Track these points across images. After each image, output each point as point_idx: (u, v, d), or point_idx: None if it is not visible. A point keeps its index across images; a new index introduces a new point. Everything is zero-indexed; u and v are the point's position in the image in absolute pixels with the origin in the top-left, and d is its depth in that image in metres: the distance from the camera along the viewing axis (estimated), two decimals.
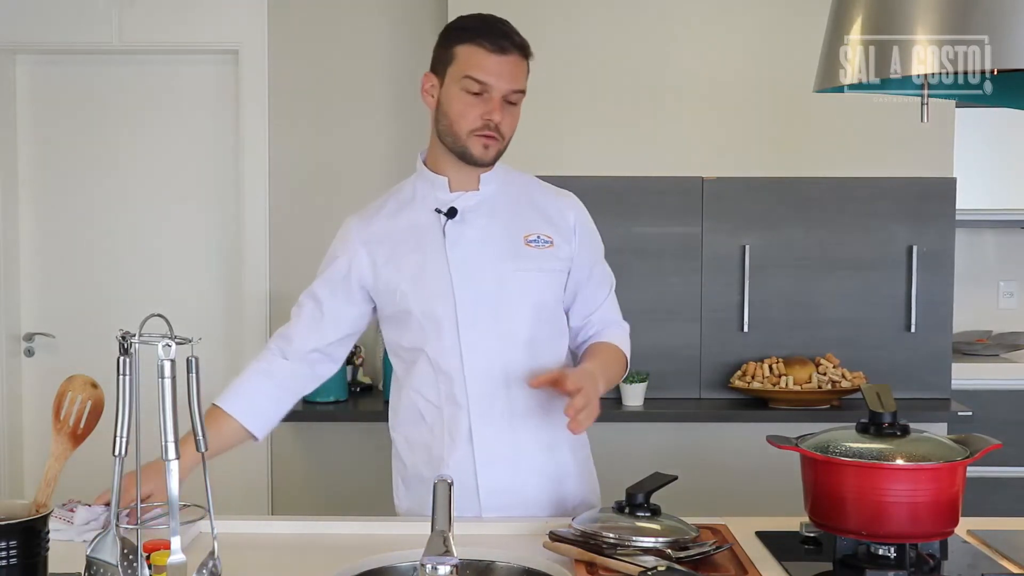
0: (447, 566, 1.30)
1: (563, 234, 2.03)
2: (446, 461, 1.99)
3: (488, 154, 1.96)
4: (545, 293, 2.01)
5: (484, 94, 1.92)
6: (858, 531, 1.64)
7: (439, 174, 2.03)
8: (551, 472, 2.02)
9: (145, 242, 3.85)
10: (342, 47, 3.74)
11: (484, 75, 1.91)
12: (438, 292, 1.96)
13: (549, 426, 2.00)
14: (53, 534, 1.69)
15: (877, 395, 1.71)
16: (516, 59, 1.93)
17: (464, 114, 1.93)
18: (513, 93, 1.94)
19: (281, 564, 1.74)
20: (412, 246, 2.00)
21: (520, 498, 1.99)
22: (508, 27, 1.96)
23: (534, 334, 1.98)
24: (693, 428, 3.31)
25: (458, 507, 1.97)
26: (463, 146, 1.96)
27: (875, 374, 3.31)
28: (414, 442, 2.06)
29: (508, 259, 1.98)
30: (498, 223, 2.00)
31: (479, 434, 1.97)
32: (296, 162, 3.76)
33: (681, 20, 3.39)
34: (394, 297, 2.01)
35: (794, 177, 3.38)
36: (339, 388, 3.44)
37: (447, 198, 2.01)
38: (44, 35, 3.75)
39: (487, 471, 1.97)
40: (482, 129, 1.93)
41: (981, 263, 4.28)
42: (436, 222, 2.00)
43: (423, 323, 1.98)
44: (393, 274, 2.00)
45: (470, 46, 1.93)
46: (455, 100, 1.94)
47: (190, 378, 1.34)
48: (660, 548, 1.62)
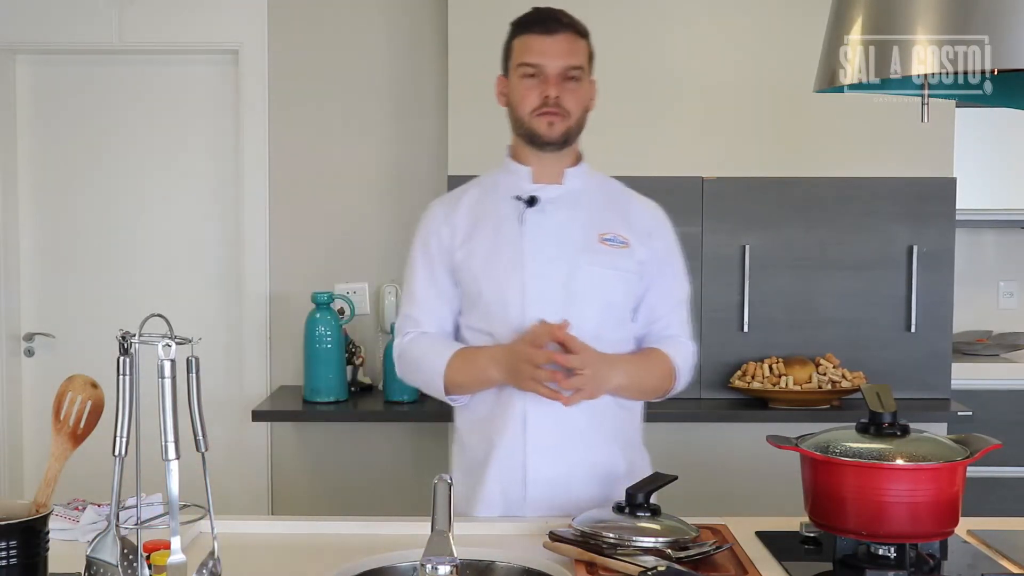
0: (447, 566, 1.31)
1: (639, 238, 2.06)
2: (497, 447, 2.01)
3: (553, 131, 2.01)
4: (615, 292, 2.03)
5: (539, 75, 1.99)
6: (858, 531, 1.64)
7: (524, 165, 2.08)
8: (600, 470, 2.02)
9: (145, 242, 3.85)
10: (342, 47, 3.74)
11: (534, 57, 1.99)
12: (509, 277, 2.00)
13: (603, 422, 2.02)
14: (58, 533, 1.70)
15: (877, 395, 1.71)
16: (567, 37, 2.00)
17: (524, 97, 2.01)
18: (570, 69, 2.00)
19: (281, 564, 1.74)
20: (489, 231, 2.05)
21: (566, 493, 1.99)
22: (558, 12, 2.04)
23: (600, 331, 2.00)
24: (693, 428, 3.31)
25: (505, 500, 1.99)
26: (529, 128, 2.02)
27: (875, 374, 3.31)
28: (474, 425, 2.09)
29: (582, 253, 2.01)
30: (576, 218, 2.04)
31: (532, 421, 1.99)
32: (296, 162, 3.76)
33: (681, 20, 3.39)
34: (466, 278, 2.05)
35: (794, 177, 3.38)
36: (339, 388, 3.44)
37: (529, 188, 2.05)
38: (44, 35, 3.75)
39: (536, 460, 1.99)
40: (541, 107, 1.99)
41: (981, 263, 4.28)
42: (515, 209, 2.04)
43: (492, 306, 2.02)
44: (468, 254, 2.04)
45: (522, 36, 2.03)
46: (516, 88, 2.03)
47: (190, 378, 1.34)
48: (660, 548, 1.62)
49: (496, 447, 2.01)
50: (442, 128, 3.59)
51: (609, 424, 2.04)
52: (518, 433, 2.00)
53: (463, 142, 3.34)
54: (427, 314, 2.09)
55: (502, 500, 2.01)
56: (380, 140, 3.76)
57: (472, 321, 2.07)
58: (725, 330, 3.38)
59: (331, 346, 3.43)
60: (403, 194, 3.73)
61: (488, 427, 2.04)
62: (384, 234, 3.74)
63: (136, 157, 3.84)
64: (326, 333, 3.42)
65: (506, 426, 2.00)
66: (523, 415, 1.99)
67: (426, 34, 3.72)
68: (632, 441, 2.11)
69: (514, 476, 2.00)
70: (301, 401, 3.47)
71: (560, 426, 1.99)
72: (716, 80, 3.39)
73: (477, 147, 3.28)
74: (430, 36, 3.71)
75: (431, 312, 2.09)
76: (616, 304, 2.04)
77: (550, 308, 1.98)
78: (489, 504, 2.02)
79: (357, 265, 3.75)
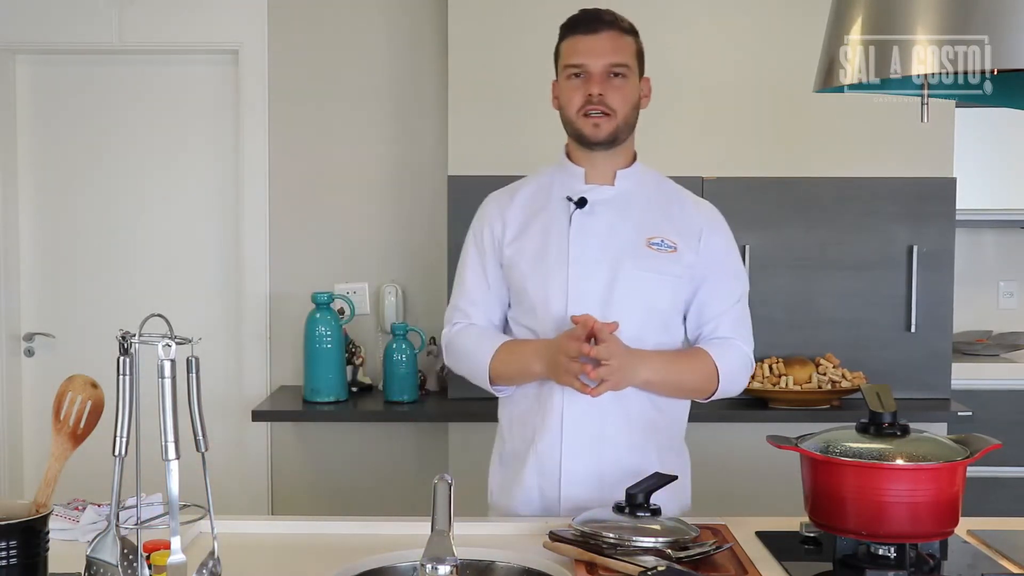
0: (447, 566, 1.31)
1: (688, 242, 2.05)
2: (536, 444, 2.02)
3: (599, 132, 2.02)
4: (659, 297, 2.03)
5: (583, 75, 2.01)
6: (858, 531, 1.64)
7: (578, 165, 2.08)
8: (633, 471, 2.00)
9: (145, 242, 3.85)
10: (342, 47, 3.74)
11: (578, 57, 2.01)
12: (554, 278, 2.01)
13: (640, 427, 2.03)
14: (58, 533, 1.70)
15: (877, 395, 1.71)
16: (611, 35, 2.02)
17: (571, 99, 2.03)
18: (613, 67, 2.01)
19: (281, 564, 1.74)
20: (539, 228, 2.06)
21: (599, 493, 1.99)
22: (603, 11, 2.05)
23: (640, 335, 2.00)
24: (693, 428, 3.28)
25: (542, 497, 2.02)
26: (577, 129, 2.04)
27: (875, 374, 3.31)
28: (515, 418, 2.10)
29: (627, 257, 2.01)
30: (625, 221, 2.04)
31: (568, 421, 1.99)
32: (296, 162, 3.76)
33: (681, 20, 3.39)
34: (514, 274, 2.06)
35: (794, 177, 3.38)
36: (339, 388, 3.44)
37: (581, 188, 2.06)
38: (44, 35, 3.75)
39: (571, 460, 2.00)
40: (585, 106, 2.00)
41: (981, 263, 4.28)
42: (566, 210, 2.05)
43: (536, 304, 2.03)
44: (517, 252, 2.06)
45: (567, 39, 2.05)
46: (563, 89, 2.05)
47: (190, 378, 1.34)
48: (660, 548, 1.62)
49: (534, 445, 2.03)
50: (442, 128, 3.59)
51: (644, 426, 2.04)
52: (555, 432, 2.01)
53: (463, 142, 3.33)
54: (476, 306, 2.10)
55: (540, 498, 2.03)
56: (380, 140, 3.76)
57: (518, 316, 2.09)
58: None
59: (331, 346, 3.43)
60: (403, 194, 3.74)
61: (527, 424, 2.06)
62: (384, 234, 3.74)
63: (136, 157, 3.84)
64: (326, 333, 3.42)
65: (544, 425, 2.02)
66: (560, 415, 2.00)
67: (426, 34, 3.72)
68: (669, 444, 2.10)
69: (551, 475, 2.02)
70: (301, 401, 3.47)
71: (595, 427, 2.00)
72: (716, 80, 3.39)
73: (477, 147, 3.28)
74: (430, 36, 3.71)
75: (480, 304, 2.10)
76: (660, 309, 2.04)
77: (591, 310, 1.98)
78: (528, 502, 2.04)
79: (357, 265, 3.75)
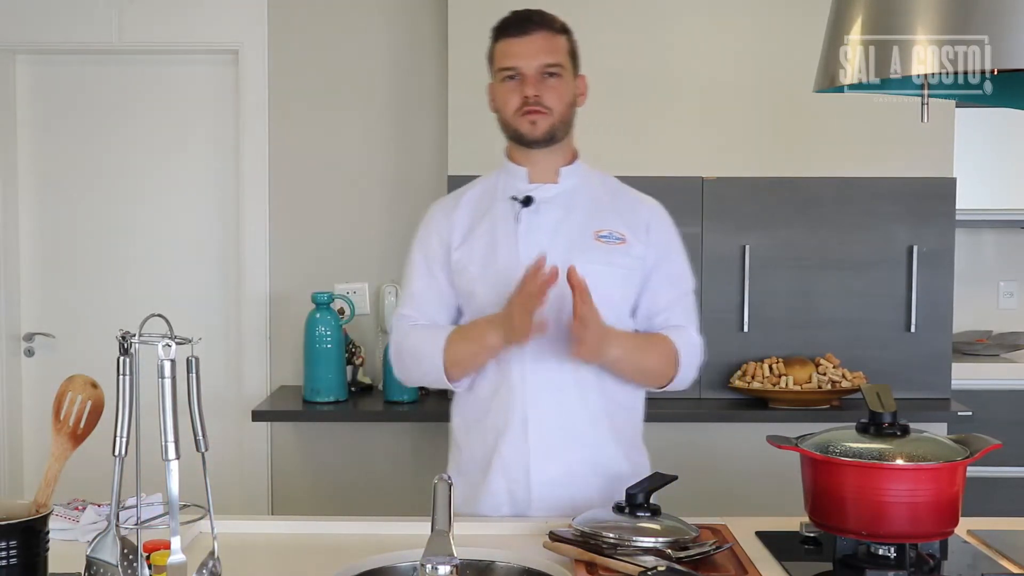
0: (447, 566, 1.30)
1: (636, 233, 2.06)
2: (500, 448, 2.01)
3: (537, 129, 2.02)
4: (611, 290, 2.02)
5: (517, 77, 2.01)
6: (858, 531, 1.64)
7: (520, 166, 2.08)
8: (603, 470, 2.02)
9: (145, 242, 3.85)
10: (342, 47, 3.74)
11: (511, 59, 2.01)
12: (504, 278, 2.00)
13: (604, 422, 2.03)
14: (58, 533, 1.70)
15: (877, 395, 1.71)
16: (543, 35, 2.01)
17: (506, 100, 2.03)
18: (547, 67, 2.00)
19: (281, 564, 1.74)
20: (486, 231, 2.06)
21: (570, 493, 1.99)
22: (533, 12, 2.05)
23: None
24: (693, 428, 3.31)
25: (512, 499, 2.00)
26: (514, 129, 2.04)
27: (875, 374, 3.31)
28: (472, 426, 2.08)
29: (576, 252, 2.00)
30: (572, 217, 2.05)
31: (533, 422, 1.99)
32: (296, 162, 3.76)
33: (681, 20, 3.39)
34: (463, 279, 2.05)
35: (794, 177, 3.38)
36: (339, 388, 3.44)
37: (525, 188, 2.06)
38: (44, 35, 3.75)
39: (539, 460, 1.99)
40: (522, 107, 2.00)
41: (981, 263, 4.29)
42: (512, 210, 2.05)
43: (486, 307, 2.02)
44: (464, 255, 2.05)
45: (499, 41, 2.05)
46: (498, 92, 2.05)
47: (190, 378, 1.34)
48: (660, 548, 1.62)
49: (498, 449, 2.01)
50: (442, 129, 3.59)
51: (610, 424, 2.05)
52: (520, 435, 2.00)
53: (463, 143, 3.34)
54: (424, 313, 2.09)
55: (509, 501, 2.02)
56: (380, 140, 3.76)
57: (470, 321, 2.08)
58: (725, 330, 3.38)
59: (331, 346, 3.43)
60: (403, 194, 3.73)
61: (487, 429, 2.04)
62: (384, 234, 3.74)
63: (136, 157, 3.84)
64: (326, 333, 3.42)
65: (507, 427, 2.00)
66: (523, 415, 1.99)
67: (426, 34, 3.72)
68: (633, 441, 2.12)
69: (519, 477, 2.00)
70: (301, 401, 3.47)
71: (561, 427, 2.00)
72: (716, 80, 3.39)
73: (477, 147, 3.28)
74: (430, 36, 3.71)
75: (428, 310, 2.09)
76: (613, 301, 2.03)
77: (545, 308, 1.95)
78: (495, 506, 2.03)
79: (357, 265, 3.74)
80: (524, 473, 2.00)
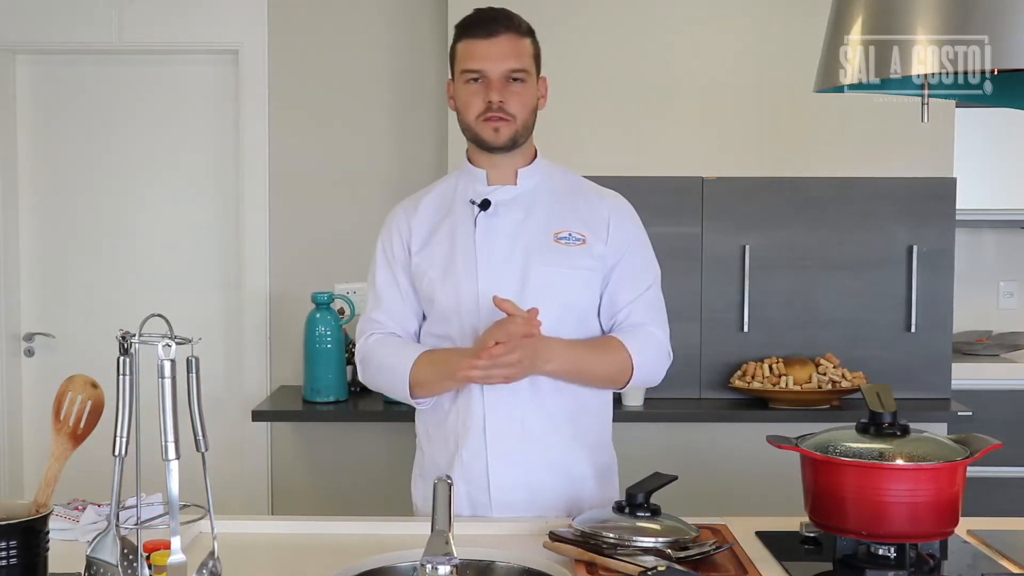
0: (447, 566, 1.31)
1: (597, 233, 2.03)
2: (460, 451, 2.00)
3: (500, 136, 2.00)
4: (573, 292, 2.01)
5: (482, 80, 1.97)
6: (858, 531, 1.64)
7: (478, 167, 2.06)
8: (565, 472, 2.02)
9: (145, 242, 3.85)
10: (342, 47, 3.74)
11: (476, 62, 1.97)
12: (464, 283, 1.99)
13: (565, 425, 2.01)
14: (58, 533, 1.70)
15: (877, 395, 1.71)
16: (509, 38, 1.98)
17: (468, 103, 2.00)
18: (513, 72, 1.97)
19: (281, 564, 1.74)
20: (445, 235, 2.04)
21: (531, 496, 1.99)
22: (500, 12, 2.01)
23: (559, 331, 1.97)
24: (693, 428, 3.31)
25: (471, 503, 1.99)
26: (476, 134, 2.01)
27: (875, 374, 3.31)
28: (433, 432, 2.08)
29: (535, 254, 1.99)
30: (531, 219, 2.02)
31: (491, 426, 1.98)
32: (296, 162, 3.76)
33: (681, 20, 3.39)
34: (423, 283, 2.04)
35: (794, 177, 3.38)
36: (339, 388, 3.44)
37: (484, 191, 2.04)
38: (44, 35, 3.75)
39: (498, 464, 1.98)
40: (485, 112, 1.98)
41: (981, 263, 4.29)
42: (470, 213, 2.03)
43: (447, 312, 2.01)
44: (424, 260, 2.04)
45: (464, 41, 2.01)
46: (461, 93, 2.01)
47: (190, 378, 1.34)
48: (660, 548, 1.62)
49: (458, 453, 2.01)
50: (442, 127, 3.59)
51: (571, 427, 2.02)
52: (478, 438, 1.99)
53: (463, 141, 3.31)
54: (391, 316, 2.07)
55: (468, 504, 2.01)
56: (380, 140, 3.76)
57: (431, 327, 2.06)
58: (725, 330, 3.38)
59: (331, 346, 3.42)
60: (403, 194, 3.66)
61: (448, 433, 2.03)
62: None
63: (136, 157, 3.84)
64: (326, 333, 3.42)
65: (467, 431, 1.99)
66: (482, 419, 1.98)
67: (426, 34, 3.72)
68: (598, 442, 2.09)
69: (479, 481, 1.99)
70: (301, 401, 3.47)
71: (519, 431, 1.98)
72: (716, 80, 3.39)
73: None
74: (430, 36, 3.71)
75: (395, 315, 2.07)
76: (575, 303, 2.02)
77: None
78: (456, 510, 2.01)
79: (357, 265, 3.73)
80: (483, 476, 1.99)
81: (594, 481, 2.04)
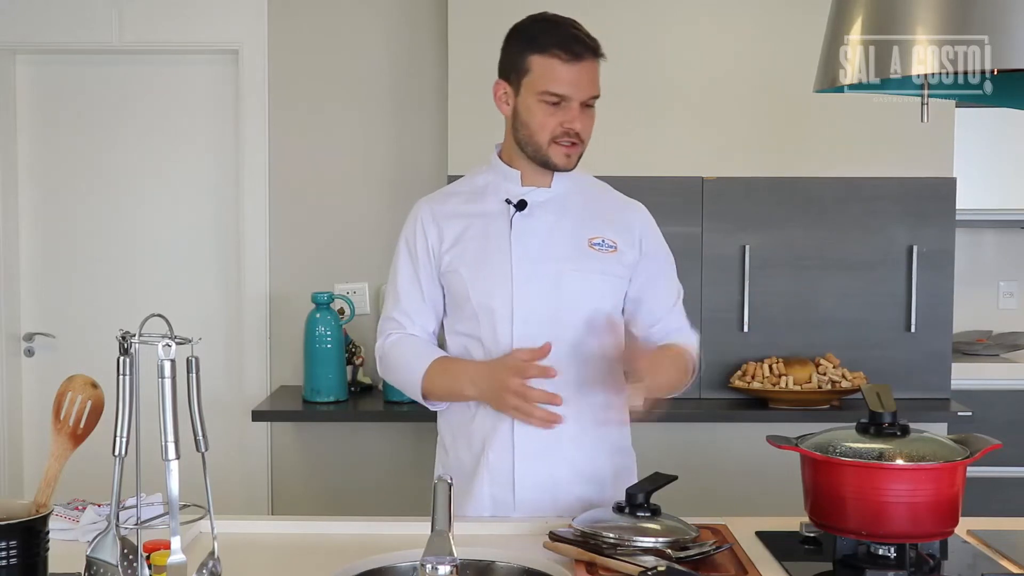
0: (447, 566, 1.30)
1: (628, 241, 2.05)
2: (487, 452, 2.01)
3: (571, 162, 2.01)
4: (603, 298, 2.02)
5: (562, 103, 1.94)
6: (858, 531, 1.64)
7: (513, 168, 2.05)
8: (586, 474, 2.02)
9: (145, 242, 3.85)
10: (342, 47, 3.74)
11: (562, 88, 1.94)
12: (497, 282, 1.99)
13: (591, 427, 2.02)
14: (58, 533, 1.70)
15: (877, 395, 1.71)
16: (590, 63, 1.96)
17: (544, 125, 1.96)
18: (591, 99, 1.97)
19: (281, 564, 1.74)
20: (478, 233, 2.03)
21: (552, 496, 1.99)
22: (579, 29, 1.98)
23: (587, 337, 1.98)
24: (693, 428, 3.31)
25: (494, 502, 2.00)
26: (545, 155, 1.98)
27: (875, 374, 3.31)
28: (458, 432, 2.08)
29: (570, 259, 2.00)
30: (565, 222, 2.02)
31: (520, 427, 1.98)
32: (296, 162, 3.76)
33: (681, 20, 3.39)
34: (454, 282, 2.03)
35: (794, 177, 3.38)
36: (339, 388, 3.44)
37: (518, 191, 2.03)
38: (44, 35, 3.74)
39: (524, 465, 1.99)
40: (562, 137, 1.96)
41: (981, 263, 4.29)
42: (504, 213, 2.02)
43: (478, 311, 2.00)
44: (456, 258, 2.03)
45: (545, 57, 1.94)
46: (535, 112, 1.96)
47: (190, 378, 1.34)
48: (660, 548, 1.62)
49: (484, 455, 2.01)
50: (442, 127, 3.59)
51: (596, 429, 2.04)
52: (506, 440, 2.00)
53: (463, 141, 3.33)
54: (410, 317, 2.07)
55: (491, 504, 2.02)
56: (380, 140, 3.76)
57: (458, 326, 2.05)
58: (725, 330, 3.38)
59: (331, 346, 3.43)
60: (403, 194, 3.73)
61: (474, 434, 2.04)
62: (384, 234, 3.73)
63: (136, 157, 3.84)
64: (326, 333, 3.42)
65: (495, 433, 2.00)
66: (511, 422, 1.99)
67: (426, 34, 3.72)
68: (619, 444, 2.10)
69: (504, 481, 2.00)
70: (301, 401, 3.47)
71: (548, 432, 1.98)
72: (716, 80, 3.39)
73: (477, 146, 3.26)
74: (430, 36, 3.71)
75: (415, 315, 2.07)
76: (604, 310, 2.02)
77: (536, 314, 1.97)
78: (478, 510, 2.03)
79: (357, 265, 3.75)
80: (509, 477, 2.00)
81: (613, 482, 2.04)
